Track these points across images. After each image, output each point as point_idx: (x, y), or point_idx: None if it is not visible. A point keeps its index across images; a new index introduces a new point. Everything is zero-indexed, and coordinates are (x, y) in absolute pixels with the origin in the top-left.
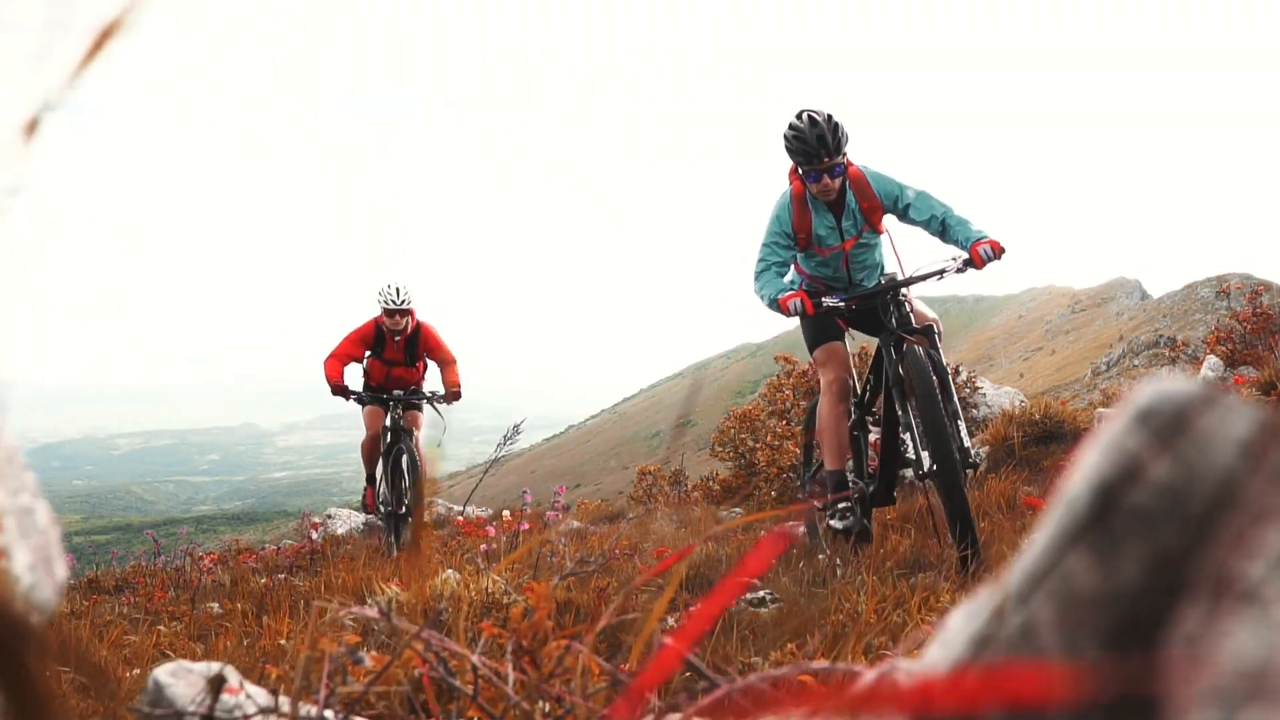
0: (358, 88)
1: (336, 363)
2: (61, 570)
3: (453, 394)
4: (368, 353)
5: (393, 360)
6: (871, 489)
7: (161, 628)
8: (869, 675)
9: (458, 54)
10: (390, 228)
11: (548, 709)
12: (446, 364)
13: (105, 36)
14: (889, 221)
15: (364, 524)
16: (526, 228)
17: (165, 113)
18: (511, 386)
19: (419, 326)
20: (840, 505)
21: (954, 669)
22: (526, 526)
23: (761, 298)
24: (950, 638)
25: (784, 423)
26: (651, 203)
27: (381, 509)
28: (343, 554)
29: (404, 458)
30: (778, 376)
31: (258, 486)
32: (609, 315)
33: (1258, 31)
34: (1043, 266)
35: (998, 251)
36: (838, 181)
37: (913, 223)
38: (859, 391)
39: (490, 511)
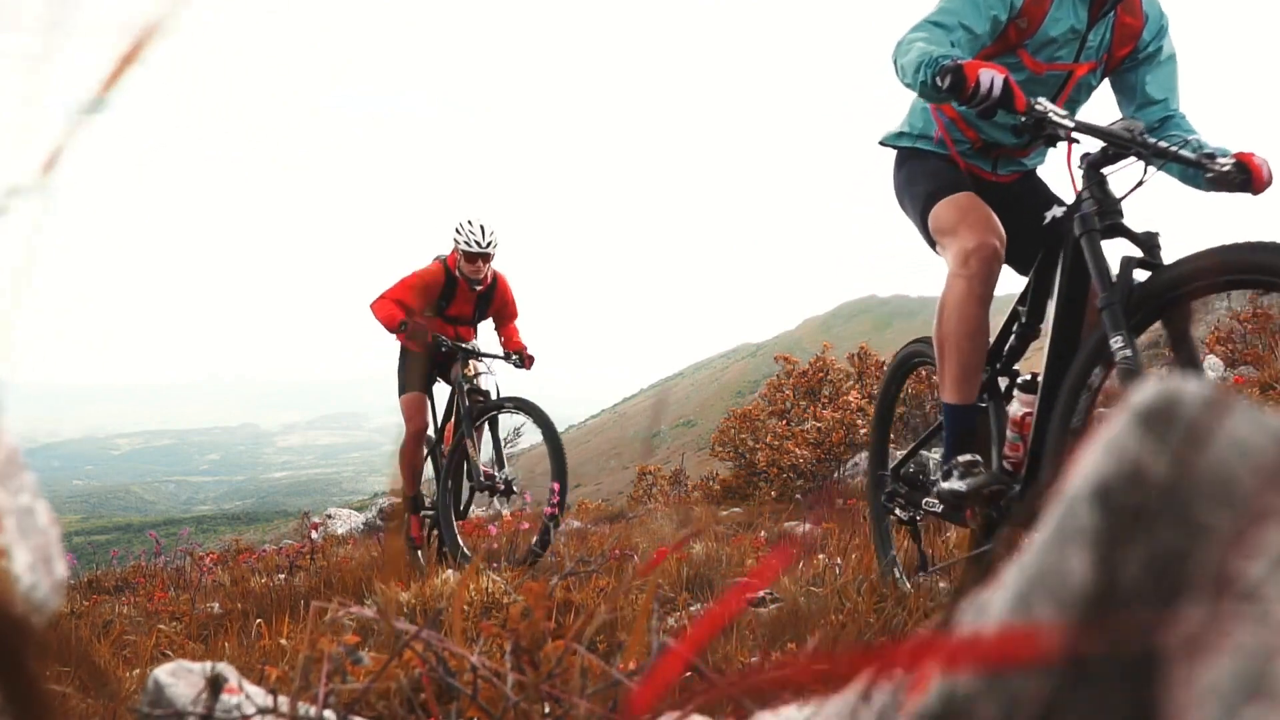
0: (356, 85)
1: (391, 304)
2: (61, 570)
3: (530, 358)
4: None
5: (458, 318)
6: (1014, 491)
7: (161, 627)
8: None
9: (452, 50)
10: (387, 227)
11: (547, 709)
12: (509, 320)
13: (138, 47)
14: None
15: (364, 524)
16: (524, 226)
17: (163, 110)
18: (511, 387)
19: (496, 277)
20: (963, 458)
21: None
22: (526, 526)
23: (910, 61)
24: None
25: (784, 423)
26: (648, 201)
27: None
28: (342, 555)
29: (514, 412)
30: (778, 376)
31: (258, 486)
32: (608, 315)
33: (1259, 21)
34: None
35: (1270, 179)
36: None
37: (1130, 91)
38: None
39: (491, 511)
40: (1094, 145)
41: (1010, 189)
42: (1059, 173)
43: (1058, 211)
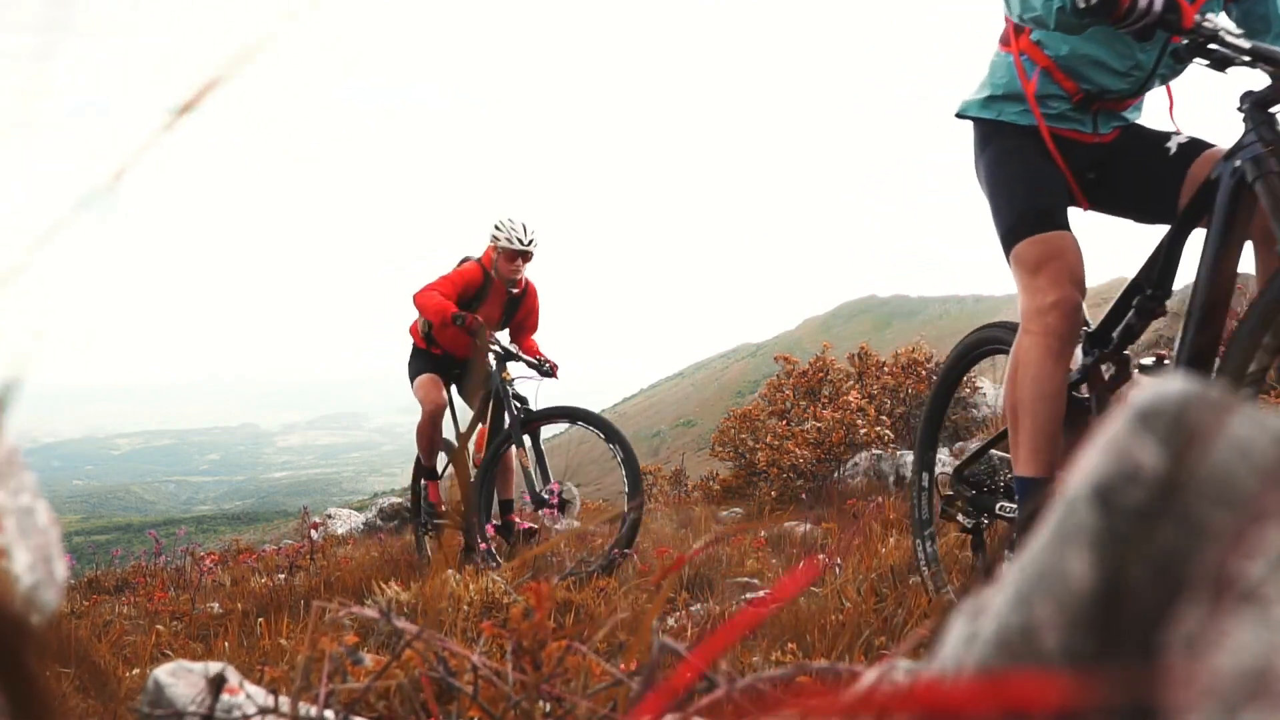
0: (362, 80)
1: (439, 296)
2: (61, 570)
3: (555, 366)
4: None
5: (484, 321)
6: None
7: (161, 627)
8: (869, 675)
9: (465, 43)
10: (393, 223)
11: (548, 709)
12: (530, 331)
13: (205, 91)
14: None
15: (364, 524)
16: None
17: (166, 110)
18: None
19: (526, 283)
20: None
21: (953, 670)
22: (525, 526)
23: None
24: (950, 638)
25: (784, 423)
26: (649, 200)
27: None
28: (342, 555)
29: (571, 422)
30: (777, 376)
31: (258, 486)
32: (608, 315)
33: None
34: None
35: None
36: None
37: (1262, 21)
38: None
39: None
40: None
41: (1112, 146)
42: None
43: (1181, 138)
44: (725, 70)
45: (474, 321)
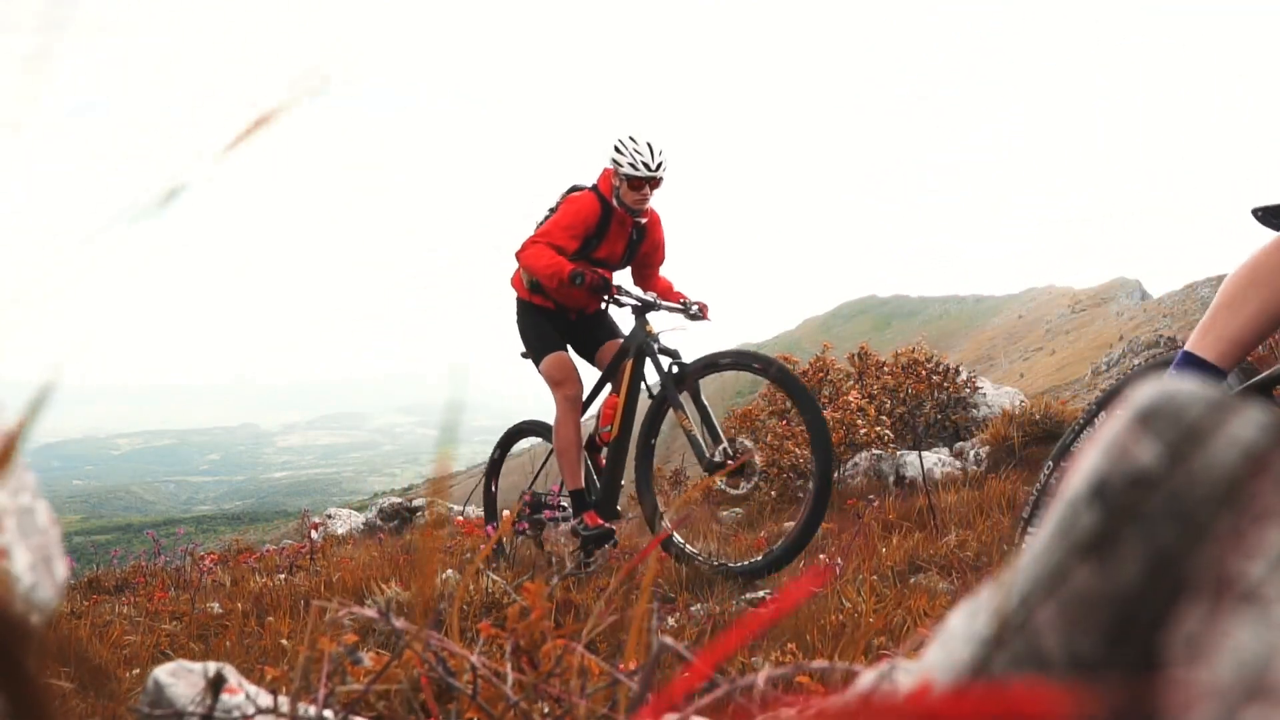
0: (362, 81)
1: (550, 251)
2: (61, 570)
3: (705, 307)
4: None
5: (606, 260)
6: None
7: (163, 626)
8: (869, 675)
9: (464, 44)
10: (389, 224)
11: (547, 709)
12: (658, 266)
13: (259, 124)
14: None
15: (364, 524)
16: (525, 219)
17: (167, 110)
18: (512, 390)
19: (651, 210)
20: None
21: (953, 672)
22: (526, 526)
23: None
24: (950, 638)
25: (784, 422)
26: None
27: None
28: (342, 555)
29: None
30: None
31: (258, 486)
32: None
33: (1257, 27)
34: (1043, 267)
35: None
36: None
37: None
38: None
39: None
40: None
41: None
42: None
43: None
44: (726, 69)
45: (596, 279)
